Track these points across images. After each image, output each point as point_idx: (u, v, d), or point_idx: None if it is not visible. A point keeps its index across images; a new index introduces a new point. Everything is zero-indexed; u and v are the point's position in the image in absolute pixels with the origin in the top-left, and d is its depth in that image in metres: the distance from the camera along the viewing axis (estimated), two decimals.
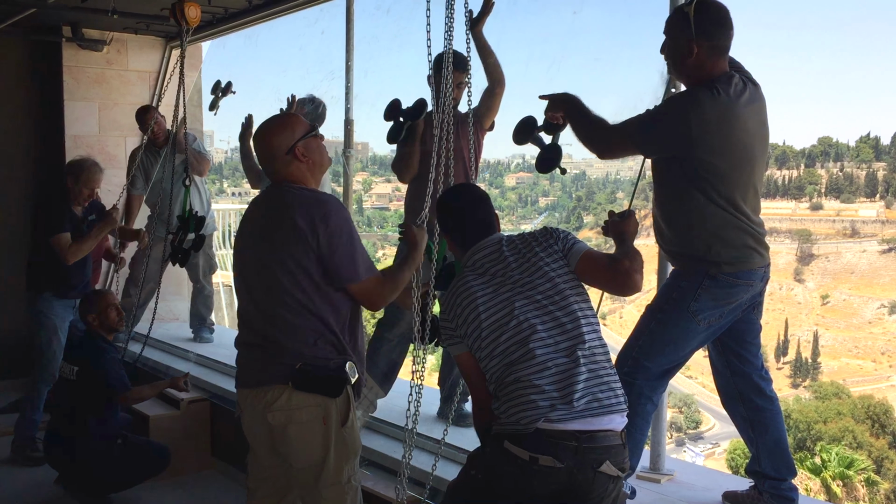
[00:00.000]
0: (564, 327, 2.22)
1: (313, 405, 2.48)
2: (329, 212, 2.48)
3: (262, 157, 2.64)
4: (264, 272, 2.53)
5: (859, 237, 70.65)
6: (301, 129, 2.60)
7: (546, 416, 2.12)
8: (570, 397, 2.13)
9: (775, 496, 2.91)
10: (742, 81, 2.66)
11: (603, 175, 79.27)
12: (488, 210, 2.50)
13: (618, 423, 2.19)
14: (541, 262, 2.30)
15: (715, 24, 2.64)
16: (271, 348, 2.51)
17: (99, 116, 6.50)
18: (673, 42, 2.71)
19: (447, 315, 2.38)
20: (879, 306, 66.02)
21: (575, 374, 2.16)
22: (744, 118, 2.63)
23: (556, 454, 2.11)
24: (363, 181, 72.76)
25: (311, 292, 2.48)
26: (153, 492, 4.28)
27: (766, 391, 2.92)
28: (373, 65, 34.97)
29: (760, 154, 2.72)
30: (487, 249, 2.38)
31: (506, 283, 2.29)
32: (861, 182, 73.85)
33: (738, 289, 2.73)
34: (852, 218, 71.70)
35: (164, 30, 6.36)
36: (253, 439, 2.64)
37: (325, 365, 2.50)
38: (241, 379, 2.63)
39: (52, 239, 4.52)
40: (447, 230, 2.55)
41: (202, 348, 5.63)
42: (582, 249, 2.34)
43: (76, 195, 4.63)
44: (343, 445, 2.53)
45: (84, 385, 4.06)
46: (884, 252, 69.01)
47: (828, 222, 72.24)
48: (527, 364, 2.19)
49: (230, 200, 37.93)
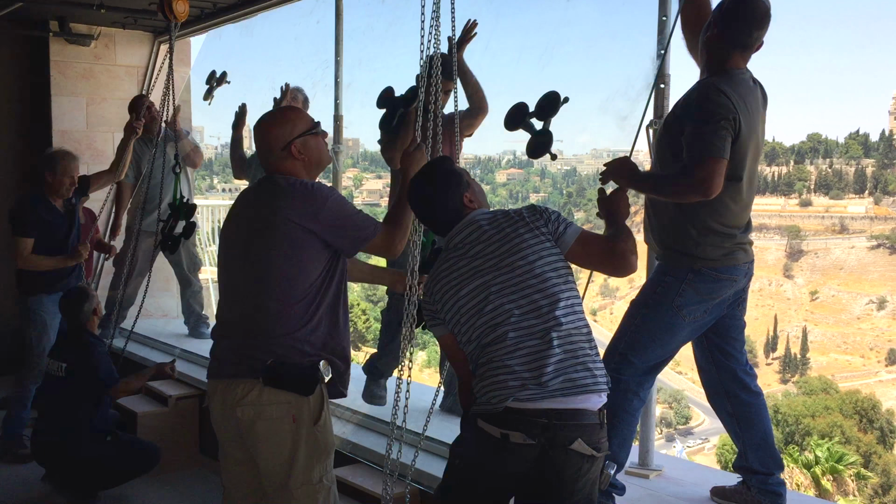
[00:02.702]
0: (541, 310, 2.20)
1: (284, 402, 2.45)
2: (323, 196, 2.48)
3: (260, 149, 2.62)
4: (247, 266, 2.52)
5: (848, 233, 71.11)
6: (302, 125, 2.57)
7: (516, 395, 2.14)
8: (541, 378, 2.14)
9: (763, 491, 2.92)
10: (752, 79, 2.72)
11: (594, 171, 79.38)
12: (448, 203, 2.42)
13: (594, 403, 2.18)
14: (523, 244, 2.27)
15: (741, 20, 2.67)
16: (246, 341, 2.49)
17: (86, 112, 6.45)
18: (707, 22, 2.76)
19: (430, 298, 2.39)
20: (868, 302, 66.46)
21: (547, 355, 2.15)
22: (753, 114, 2.67)
23: (527, 430, 2.12)
24: (354, 177, 72.72)
25: (292, 288, 2.46)
26: (141, 489, 4.26)
27: (751, 386, 2.93)
28: (366, 54, 35.33)
29: (759, 152, 2.75)
30: (467, 230, 2.36)
31: (484, 265, 2.28)
32: (850, 178, 74.33)
33: (721, 284, 2.75)
34: (841, 214, 72.16)
35: (153, 24, 6.32)
36: (221, 433, 2.61)
37: (298, 362, 2.47)
38: (212, 370, 2.60)
39: (14, 237, 4.50)
40: (422, 221, 2.59)
41: (195, 344, 5.61)
42: (576, 233, 2.31)
43: (58, 188, 4.58)
44: (315, 444, 2.50)
45: (74, 381, 4.03)
46: (872, 248, 69.47)
47: (817, 218, 72.68)
48: (499, 346, 2.20)
49: (220, 196, 37.79)
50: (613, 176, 2.72)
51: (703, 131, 2.57)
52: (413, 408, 3.00)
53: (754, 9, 2.67)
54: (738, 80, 2.68)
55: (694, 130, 2.60)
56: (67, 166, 4.60)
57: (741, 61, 2.72)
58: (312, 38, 4.79)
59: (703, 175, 2.54)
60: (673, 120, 2.78)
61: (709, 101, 2.61)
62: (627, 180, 2.69)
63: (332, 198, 2.51)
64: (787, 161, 77.12)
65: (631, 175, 2.70)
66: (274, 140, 2.55)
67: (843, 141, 78.03)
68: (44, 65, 6.27)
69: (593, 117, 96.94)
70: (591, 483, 2.22)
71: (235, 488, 2.66)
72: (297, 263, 2.46)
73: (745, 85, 2.69)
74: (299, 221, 2.44)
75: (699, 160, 2.56)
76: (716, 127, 2.56)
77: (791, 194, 74.37)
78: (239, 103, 5.20)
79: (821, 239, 71.48)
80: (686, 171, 2.60)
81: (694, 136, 2.60)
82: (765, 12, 2.67)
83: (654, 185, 2.80)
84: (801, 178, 75.10)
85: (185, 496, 4.32)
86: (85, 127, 6.45)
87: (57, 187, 4.58)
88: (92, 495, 4.14)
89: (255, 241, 2.50)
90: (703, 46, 2.79)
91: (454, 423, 3.79)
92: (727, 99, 2.58)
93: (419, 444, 3.10)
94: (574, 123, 22.23)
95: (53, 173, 4.56)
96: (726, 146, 2.56)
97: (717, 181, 2.54)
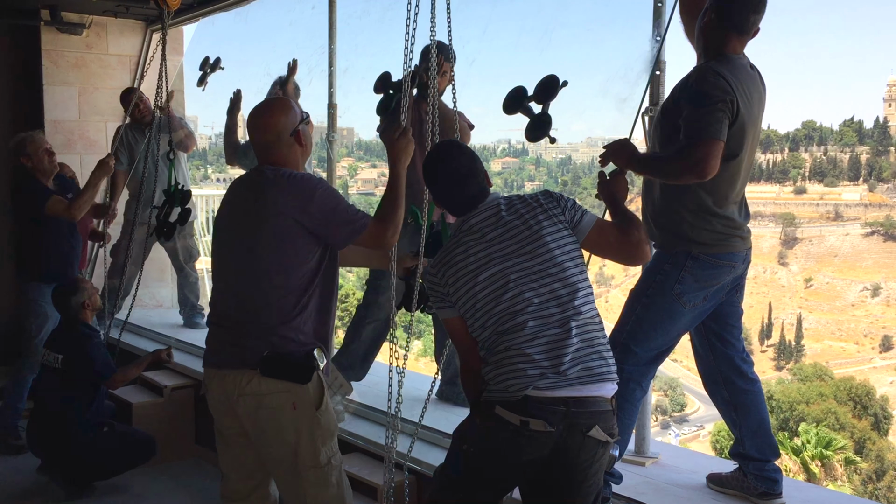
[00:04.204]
0: (561, 299, 2.21)
1: (283, 391, 2.47)
2: (311, 188, 2.49)
3: (263, 136, 2.60)
4: (242, 254, 2.53)
5: (842, 220, 71.26)
6: (299, 114, 2.64)
7: (534, 384, 2.14)
8: (560, 367, 2.14)
9: (759, 477, 2.92)
10: (750, 65, 2.71)
11: (588, 160, 79.47)
12: (476, 178, 2.40)
13: (608, 391, 2.21)
14: (543, 231, 2.26)
15: (738, 3, 2.65)
16: (242, 331, 2.51)
17: (79, 101, 6.41)
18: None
19: (439, 280, 2.35)
20: (862, 289, 66.68)
21: (566, 344, 2.16)
22: (751, 99, 2.66)
23: (547, 418, 2.13)
24: (349, 167, 72.61)
25: (286, 279, 2.48)
26: (137, 479, 4.26)
27: (748, 374, 2.93)
28: (363, 39, 35.18)
29: (756, 139, 2.75)
30: (485, 213, 2.34)
31: (503, 251, 2.26)
32: (844, 166, 74.43)
33: (720, 270, 2.75)
34: (836, 201, 72.28)
35: (145, 13, 6.27)
36: (220, 420, 2.63)
37: (294, 351, 2.49)
38: (210, 358, 2.62)
39: (46, 210, 4.42)
40: (438, 202, 2.50)
41: (190, 334, 5.59)
42: (592, 221, 2.32)
43: (40, 168, 4.53)
44: (318, 427, 2.53)
45: (71, 372, 4.02)
46: (867, 235, 69.64)
47: (811, 206, 72.81)
48: (518, 334, 2.19)
49: (214, 186, 37.66)
50: (612, 157, 2.73)
51: (700, 113, 2.56)
52: (407, 396, 3.00)
53: None
54: (737, 65, 2.66)
55: (691, 113, 2.60)
56: (36, 144, 4.54)
57: (738, 46, 2.71)
58: (308, 24, 4.77)
59: (700, 156, 2.53)
60: (671, 104, 2.77)
61: (706, 84, 2.60)
62: (626, 161, 2.70)
63: (321, 189, 2.51)
64: (782, 148, 77.20)
65: (630, 156, 2.71)
66: (283, 127, 2.58)
67: (838, 128, 78.05)
68: (35, 54, 6.22)
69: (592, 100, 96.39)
70: (601, 468, 2.26)
71: (235, 471, 2.68)
72: (290, 254, 2.48)
73: (743, 70, 2.67)
74: (290, 213, 2.45)
75: (696, 141, 2.55)
76: (713, 109, 2.55)
77: (786, 182, 74.48)
78: (233, 90, 5.19)
79: (815, 226, 71.62)
80: (682, 152, 2.59)
81: (691, 117, 2.59)
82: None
83: (651, 166, 2.80)
84: (796, 165, 75.19)
85: (180, 486, 4.32)
86: (77, 116, 6.41)
87: (39, 165, 4.53)
88: (87, 486, 4.13)
89: (248, 232, 2.51)
90: (699, 32, 2.77)
91: (450, 411, 3.81)
92: (725, 82, 2.57)
93: (416, 433, 3.09)
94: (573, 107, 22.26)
95: (28, 155, 4.51)
96: (723, 128, 2.55)
97: (713, 163, 2.53)
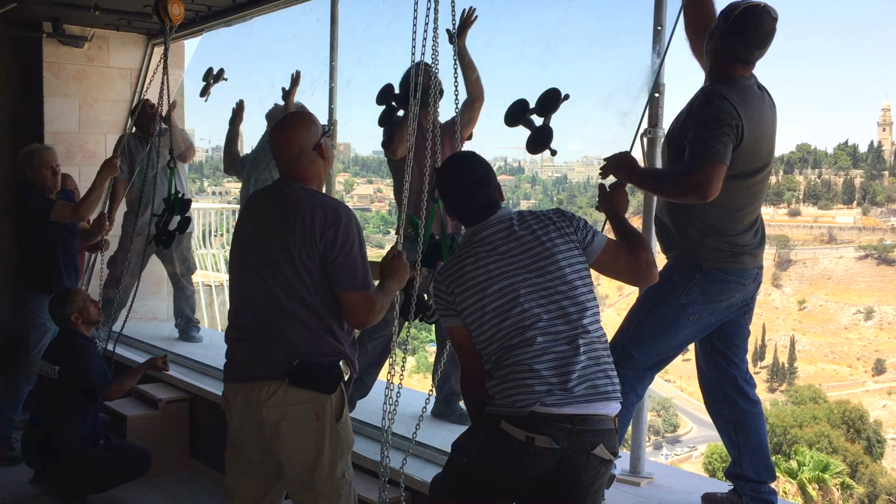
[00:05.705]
0: (569, 317, 2.21)
1: (308, 401, 2.50)
2: (342, 218, 2.51)
3: (287, 150, 2.60)
4: (267, 268, 2.53)
5: (836, 243, 71.36)
6: (321, 127, 2.67)
7: (542, 400, 2.14)
8: (567, 384, 2.15)
9: (755, 499, 2.93)
10: (758, 86, 2.75)
11: (584, 179, 79.55)
12: (490, 188, 2.42)
13: (612, 409, 2.22)
14: (555, 248, 2.27)
15: (743, 37, 2.67)
16: (268, 344, 2.52)
17: (79, 113, 6.42)
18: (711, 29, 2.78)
19: (445, 288, 2.34)
20: (855, 312, 66.70)
21: (574, 361, 2.17)
22: (759, 121, 2.69)
23: (552, 435, 2.13)
24: (345, 182, 72.55)
25: (313, 291, 2.50)
26: (130, 492, 4.23)
27: (750, 395, 2.95)
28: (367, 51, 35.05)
29: (770, 156, 2.78)
30: (498, 226, 2.34)
31: (514, 265, 2.27)
32: (838, 189, 74.65)
33: (730, 286, 2.77)
34: (830, 224, 72.43)
35: (147, 27, 6.30)
36: (239, 436, 2.62)
37: (321, 361, 2.52)
38: (232, 374, 2.61)
39: (52, 216, 4.41)
40: (451, 211, 2.48)
41: (185, 348, 5.58)
42: (603, 242, 2.34)
43: (42, 182, 4.54)
44: (338, 440, 2.55)
45: (67, 384, 4.01)
46: (860, 258, 69.76)
47: (805, 228, 72.92)
48: (526, 349, 2.19)
49: (210, 200, 37.69)
50: (613, 170, 2.75)
51: (704, 135, 2.59)
52: (402, 413, 3.00)
53: (757, 27, 2.67)
54: (743, 88, 2.69)
55: (696, 134, 2.62)
56: (43, 158, 4.55)
57: (744, 71, 2.74)
58: (311, 36, 4.74)
59: (702, 178, 2.56)
60: (676, 128, 2.79)
61: (712, 107, 2.63)
62: (627, 174, 2.72)
63: (347, 222, 2.50)
64: (777, 171, 77.32)
65: (631, 170, 2.73)
66: (306, 141, 2.60)
67: (832, 151, 78.40)
68: (37, 66, 6.23)
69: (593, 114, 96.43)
70: (602, 485, 2.27)
71: (242, 490, 2.66)
72: (314, 273, 2.49)
73: (750, 92, 2.70)
74: (313, 231, 2.47)
75: (699, 162, 2.58)
76: (718, 132, 2.57)
77: (780, 204, 74.62)
78: (236, 101, 5.23)
79: (809, 249, 71.70)
80: (685, 172, 2.62)
81: (696, 139, 2.62)
82: (768, 32, 2.68)
83: (653, 181, 2.82)
84: (790, 187, 75.38)
85: (174, 499, 4.30)
86: (77, 128, 6.42)
87: (41, 182, 4.54)
88: (81, 499, 4.11)
89: (274, 246, 2.51)
90: (706, 53, 2.81)
91: (444, 427, 3.81)
92: (730, 105, 2.60)
93: (409, 450, 3.09)
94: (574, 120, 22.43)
95: (32, 169, 4.52)
96: (727, 151, 2.58)
97: (715, 185, 2.56)
